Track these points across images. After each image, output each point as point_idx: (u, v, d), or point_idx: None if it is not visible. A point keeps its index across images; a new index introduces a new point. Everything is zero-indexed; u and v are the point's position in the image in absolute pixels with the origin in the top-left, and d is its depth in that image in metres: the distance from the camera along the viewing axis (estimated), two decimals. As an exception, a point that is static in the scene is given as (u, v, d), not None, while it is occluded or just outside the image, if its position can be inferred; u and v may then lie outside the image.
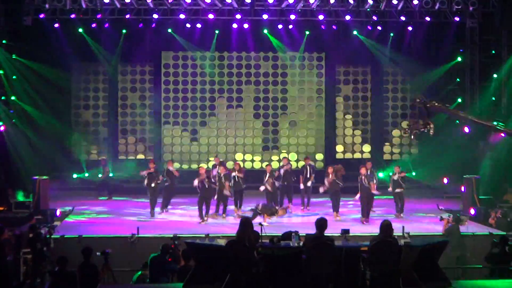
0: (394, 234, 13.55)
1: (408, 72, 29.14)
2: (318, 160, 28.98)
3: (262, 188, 22.36)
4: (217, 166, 22.39)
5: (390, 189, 22.41)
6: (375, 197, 21.73)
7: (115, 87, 28.83)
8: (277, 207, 21.45)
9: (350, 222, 20.80)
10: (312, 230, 12.15)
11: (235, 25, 27.13)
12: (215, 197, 21.78)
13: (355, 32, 27.59)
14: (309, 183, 23.16)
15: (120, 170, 27.86)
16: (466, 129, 26.81)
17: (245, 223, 12.17)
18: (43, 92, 26.53)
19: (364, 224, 20.74)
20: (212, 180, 21.73)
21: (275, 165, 26.44)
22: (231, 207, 22.32)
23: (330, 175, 21.75)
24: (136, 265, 15.69)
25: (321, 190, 22.33)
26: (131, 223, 20.73)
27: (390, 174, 23.36)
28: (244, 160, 28.74)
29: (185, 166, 28.55)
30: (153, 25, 26.95)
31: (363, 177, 21.26)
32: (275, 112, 29.27)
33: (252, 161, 29.07)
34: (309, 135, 29.43)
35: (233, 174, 22.23)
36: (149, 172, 22.30)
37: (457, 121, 27.45)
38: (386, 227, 12.06)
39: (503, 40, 25.98)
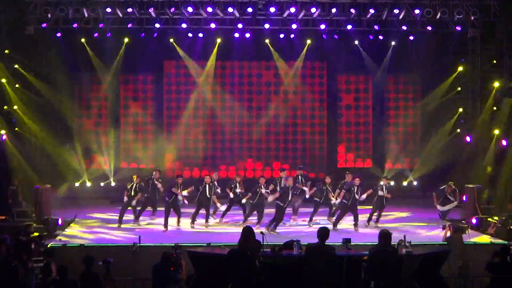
0: (402, 243, 13.63)
1: (409, 81, 29.24)
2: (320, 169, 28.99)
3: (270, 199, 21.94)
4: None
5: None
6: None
7: (117, 96, 28.88)
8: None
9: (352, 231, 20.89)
10: (314, 240, 12.18)
11: (236, 35, 27.21)
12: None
13: (356, 42, 27.68)
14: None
15: (123, 179, 27.86)
16: (468, 139, 26.99)
17: (247, 232, 12.19)
18: (45, 101, 26.60)
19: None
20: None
21: (276, 174, 26.53)
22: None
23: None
24: (137, 274, 15.71)
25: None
26: (132, 232, 20.78)
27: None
28: (245, 169, 28.77)
29: (186, 175, 28.54)
30: (155, 34, 27.04)
31: (356, 188, 21.41)
32: (276, 121, 29.28)
33: (254, 169, 29.07)
34: (311, 144, 29.44)
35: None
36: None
37: (459, 130, 27.75)
38: (384, 236, 12.08)
39: (504, 50, 26.00)
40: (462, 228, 18.27)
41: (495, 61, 26.53)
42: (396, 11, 25.54)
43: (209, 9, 25.40)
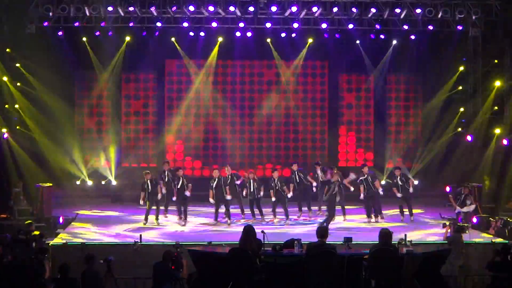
0: (403, 242, 13.64)
1: (410, 80, 29.26)
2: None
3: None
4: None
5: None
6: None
7: (119, 95, 28.89)
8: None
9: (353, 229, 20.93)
10: (315, 238, 12.20)
11: (238, 33, 27.20)
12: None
13: (358, 41, 27.69)
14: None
15: (123, 178, 27.94)
16: (469, 138, 26.99)
17: (248, 231, 12.21)
18: (46, 99, 26.61)
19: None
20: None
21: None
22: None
23: None
24: (139, 272, 15.74)
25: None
26: (134, 230, 20.82)
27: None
28: (246, 169, 28.76)
29: (187, 173, 28.54)
30: (157, 33, 27.02)
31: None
32: (278, 120, 29.29)
33: (255, 169, 29.04)
34: (312, 142, 29.45)
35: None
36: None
37: (460, 129, 27.75)
38: (385, 235, 12.09)
39: (506, 49, 26.00)
40: (463, 227, 18.28)
41: (496, 61, 26.52)
42: (397, 10, 25.52)
43: (211, 8, 25.37)
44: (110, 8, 25.03)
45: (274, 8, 25.57)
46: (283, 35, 27.43)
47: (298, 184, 23.14)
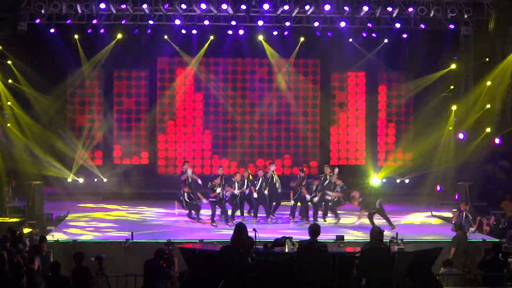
0: (394, 240, 13.68)
1: (403, 78, 29.30)
2: (312, 166, 28.98)
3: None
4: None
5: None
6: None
7: (111, 93, 28.83)
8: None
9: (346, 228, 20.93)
10: (306, 236, 12.20)
11: (230, 31, 27.19)
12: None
13: (350, 40, 27.70)
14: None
15: (115, 175, 27.92)
16: (461, 136, 27.05)
17: (240, 228, 12.20)
18: (38, 97, 26.57)
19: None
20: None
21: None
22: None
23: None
24: (130, 270, 15.74)
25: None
26: (125, 228, 20.81)
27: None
28: (238, 166, 28.78)
29: (179, 171, 28.51)
30: (149, 30, 26.98)
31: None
32: (270, 118, 29.30)
33: (246, 167, 29.05)
34: (304, 141, 29.45)
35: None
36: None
37: (451, 128, 27.78)
38: (376, 233, 12.12)
39: (497, 48, 26.08)
40: (463, 226, 18.34)
41: (487, 59, 26.59)
42: (389, 8, 25.56)
43: (203, 6, 25.35)
44: (102, 6, 24.96)
45: (266, 6, 25.53)
46: (275, 33, 27.42)
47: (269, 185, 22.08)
